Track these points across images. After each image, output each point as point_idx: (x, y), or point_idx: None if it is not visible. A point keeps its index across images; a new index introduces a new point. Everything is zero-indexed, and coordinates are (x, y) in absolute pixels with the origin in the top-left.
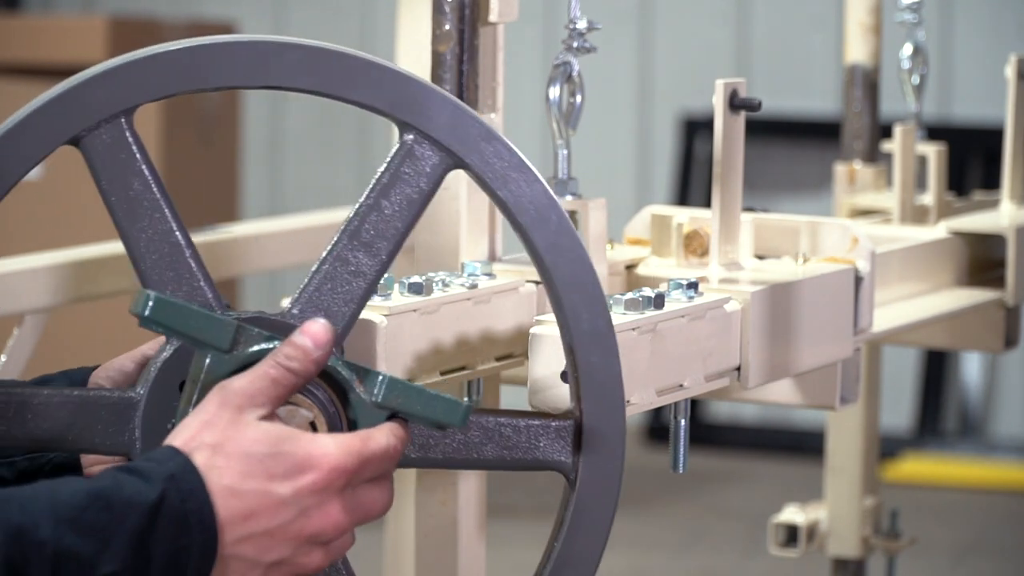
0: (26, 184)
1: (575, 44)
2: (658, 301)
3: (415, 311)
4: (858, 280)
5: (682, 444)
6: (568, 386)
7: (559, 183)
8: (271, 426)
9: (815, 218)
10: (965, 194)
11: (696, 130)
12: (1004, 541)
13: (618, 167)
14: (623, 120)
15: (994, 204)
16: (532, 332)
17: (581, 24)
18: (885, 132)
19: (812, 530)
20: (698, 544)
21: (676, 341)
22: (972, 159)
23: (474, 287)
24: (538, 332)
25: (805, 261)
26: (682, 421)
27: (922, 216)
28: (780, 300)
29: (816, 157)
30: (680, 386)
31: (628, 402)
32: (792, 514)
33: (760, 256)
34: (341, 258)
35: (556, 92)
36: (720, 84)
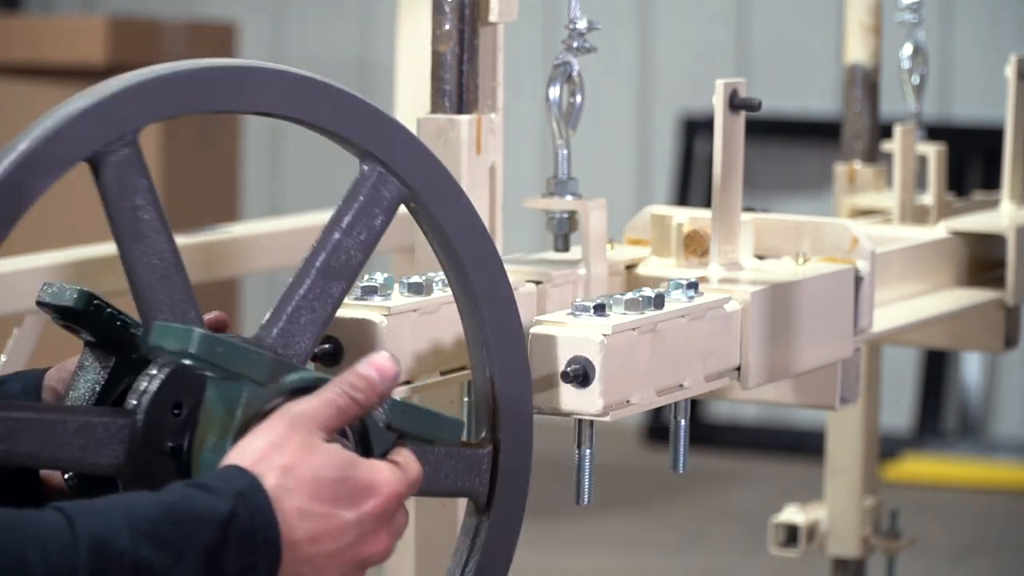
0: None
1: (575, 44)
2: (658, 301)
3: (415, 311)
4: (858, 280)
5: (682, 444)
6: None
7: (559, 183)
8: (338, 450)
9: (815, 218)
10: (965, 194)
11: (696, 130)
12: (1004, 541)
13: (618, 167)
14: (623, 120)
15: (994, 204)
16: (532, 332)
17: (581, 24)
18: (885, 132)
19: (812, 530)
20: (698, 544)
21: (676, 341)
22: (972, 159)
23: None
24: (538, 332)
25: (805, 261)
26: (682, 421)
27: (922, 216)
28: (780, 300)
29: (816, 157)
30: (680, 386)
31: (628, 402)
32: (792, 514)
33: (760, 256)
34: (316, 286)
35: (556, 92)
36: (720, 84)
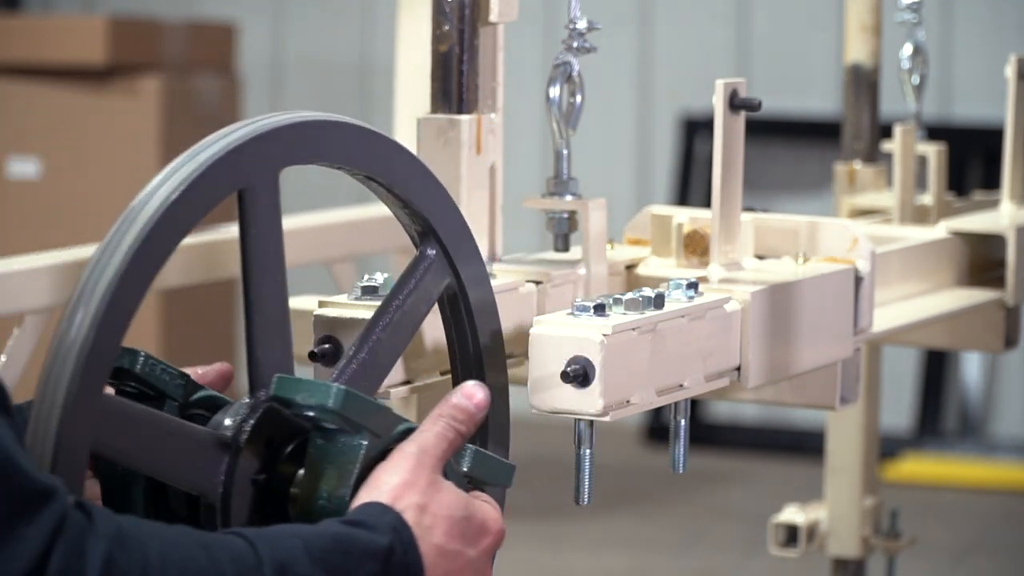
0: (26, 184)
1: (575, 44)
2: (658, 301)
3: None
4: (858, 280)
5: (682, 444)
6: (563, 387)
7: (559, 183)
8: (456, 488)
9: (815, 218)
10: (965, 194)
11: (696, 130)
12: (1004, 541)
13: (618, 167)
14: (623, 120)
15: (994, 204)
16: (532, 332)
17: (581, 24)
18: (885, 132)
19: (812, 530)
20: (698, 544)
21: (676, 341)
22: (972, 159)
23: None
24: (538, 332)
25: (805, 261)
26: (682, 421)
27: (922, 216)
28: (780, 300)
29: (816, 157)
30: (680, 386)
31: (628, 402)
32: (792, 514)
33: (760, 256)
34: (373, 351)
35: (556, 92)
36: (720, 84)
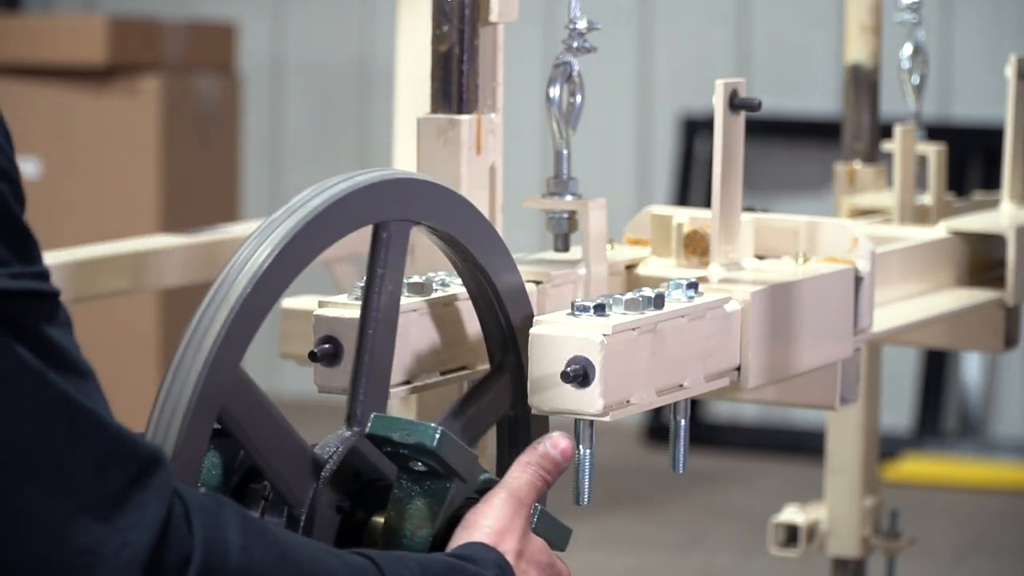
0: (26, 184)
1: (575, 44)
2: (658, 301)
3: (415, 311)
4: (858, 280)
5: (682, 444)
6: (563, 387)
7: (559, 183)
8: (538, 537)
9: (815, 218)
10: (965, 194)
11: (696, 130)
12: (1004, 541)
13: (618, 167)
14: (623, 120)
15: (994, 204)
16: (532, 332)
17: (581, 24)
18: (885, 132)
19: (812, 530)
20: (698, 544)
21: (676, 341)
22: (972, 159)
23: None
24: (538, 332)
25: (805, 261)
26: (682, 421)
27: (922, 216)
28: (780, 300)
29: (816, 157)
30: (680, 386)
31: (628, 402)
32: (792, 514)
33: (760, 256)
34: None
35: (556, 92)
36: (720, 84)
